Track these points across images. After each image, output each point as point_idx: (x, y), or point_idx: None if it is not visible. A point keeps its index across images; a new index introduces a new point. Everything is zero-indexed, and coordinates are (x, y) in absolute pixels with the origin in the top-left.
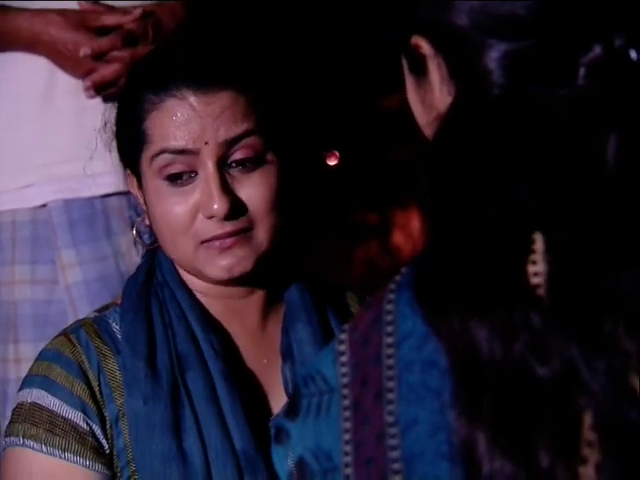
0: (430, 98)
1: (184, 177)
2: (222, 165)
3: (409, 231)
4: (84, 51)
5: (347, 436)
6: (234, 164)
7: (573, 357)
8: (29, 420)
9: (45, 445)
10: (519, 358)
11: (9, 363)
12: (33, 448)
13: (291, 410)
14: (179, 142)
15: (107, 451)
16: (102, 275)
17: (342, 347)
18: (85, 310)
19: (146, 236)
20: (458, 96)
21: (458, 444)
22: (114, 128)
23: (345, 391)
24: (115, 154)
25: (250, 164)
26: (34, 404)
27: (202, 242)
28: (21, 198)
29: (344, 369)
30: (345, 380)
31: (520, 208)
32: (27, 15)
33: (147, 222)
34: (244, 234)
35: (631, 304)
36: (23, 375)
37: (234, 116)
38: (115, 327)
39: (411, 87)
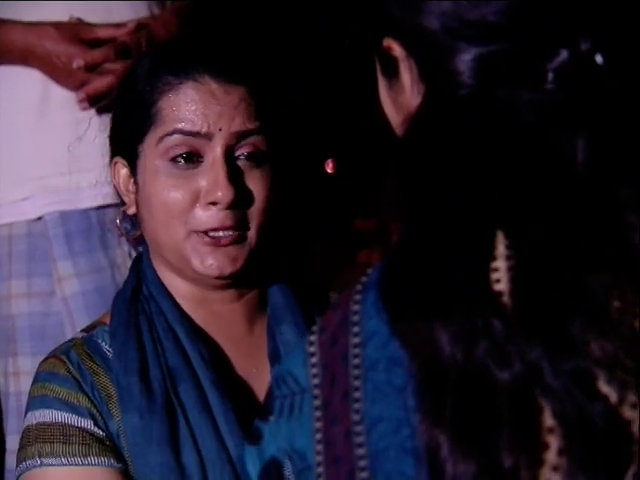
0: (402, 99)
1: (192, 160)
2: (229, 155)
3: None
4: (77, 63)
5: (319, 435)
6: (241, 157)
7: (536, 359)
8: (40, 439)
9: (64, 457)
10: (480, 362)
11: (9, 377)
12: (52, 465)
13: (264, 411)
14: (195, 125)
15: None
16: (99, 286)
17: (312, 348)
18: (82, 321)
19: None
20: (427, 96)
21: (422, 447)
22: (112, 118)
23: (316, 391)
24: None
25: (255, 160)
26: (41, 424)
27: (195, 231)
28: (17, 211)
29: (314, 370)
30: (316, 381)
31: (484, 210)
32: (20, 28)
33: (132, 211)
34: (237, 230)
35: (601, 309)
36: (22, 388)
37: (248, 111)
38: (105, 347)
39: (383, 89)
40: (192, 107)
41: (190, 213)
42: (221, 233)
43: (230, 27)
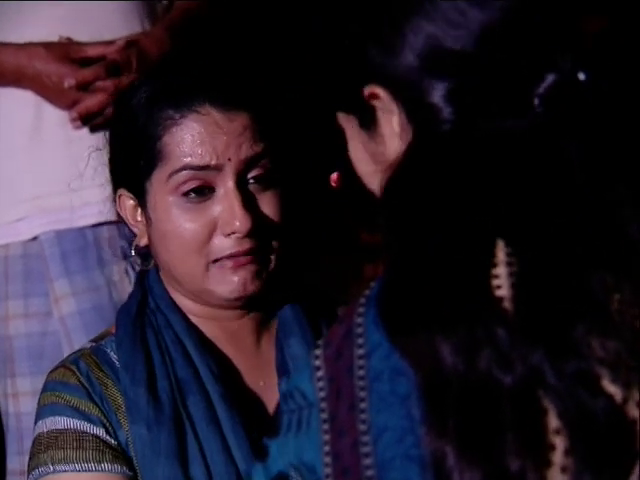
0: (382, 150)
1: (204, 192)
2: (241, 182)
3: None
4: (68, 82)
5: (326, 448)
6: (252, 180)
7: (538, 362)
8: (53, 446)
9: (77, 463)
10: (483, 368)
11: (8, 398)
12: (65, 471)
13: (273, 428)
14: (203, 158)
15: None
16: (96, 305)
17: (317, 362)
18: (80, 341)
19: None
20: (414, 135)
21: (428, 457)
22: (110, 147)
23: (323, 405)
24: (105, 179)
25: (265, 182)
26: (53, 431)
27: (214, 261)
28: (13, 232)
29: (320, 384)
30: (322, 394)
31: (484, 218)
32: (11, 50)
33: (144, 242)
34: (257, 253)
35: (602, 310)
36: (22, 409)
37: (253, 136)
38: (113, 356)
39: (359, 143)
40: (198, 140)
41: (208, 244)
42: (241, 257)
43: (223, 47)
